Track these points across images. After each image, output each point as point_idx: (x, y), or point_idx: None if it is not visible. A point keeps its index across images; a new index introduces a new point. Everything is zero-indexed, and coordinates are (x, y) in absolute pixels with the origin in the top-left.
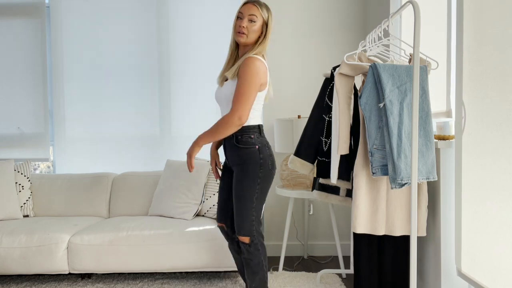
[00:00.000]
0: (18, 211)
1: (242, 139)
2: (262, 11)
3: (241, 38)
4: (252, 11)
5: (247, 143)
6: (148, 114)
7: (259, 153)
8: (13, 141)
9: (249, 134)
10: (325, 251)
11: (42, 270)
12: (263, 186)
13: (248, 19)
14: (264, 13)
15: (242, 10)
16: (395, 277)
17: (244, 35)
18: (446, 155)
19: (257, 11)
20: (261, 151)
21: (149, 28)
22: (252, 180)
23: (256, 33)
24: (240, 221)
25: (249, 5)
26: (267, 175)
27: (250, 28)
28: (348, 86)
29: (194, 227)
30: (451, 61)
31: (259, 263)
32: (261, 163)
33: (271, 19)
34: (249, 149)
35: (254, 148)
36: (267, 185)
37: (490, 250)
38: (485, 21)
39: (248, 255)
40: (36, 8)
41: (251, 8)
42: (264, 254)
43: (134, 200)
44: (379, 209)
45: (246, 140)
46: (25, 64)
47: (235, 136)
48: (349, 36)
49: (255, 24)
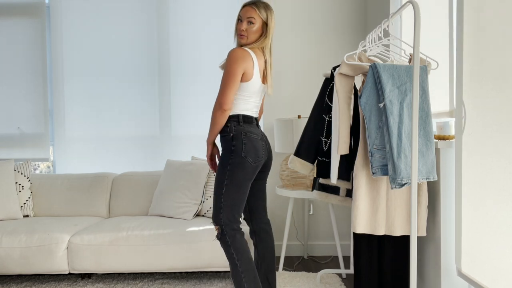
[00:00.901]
0: (18, 211)
1: (223, 129)
2: (260, 12)
3: (242, 40)
4: (249, 13)
5: (224, 132)
6: (148, 114)
7: (232, 140)
8: (13, 141)
9: (227, 124)
10: (325, 251)
11: (42, 270)
12: (232, 173)
13: (247, 21)
14: (263, 14)
15: (241, 13)
16: (395, 277)
17: (244, 37)
18: (446, 155)
19: (254, 13)
20: (234, 138)
21: (149, 28)
22: (222, 166)
23: (256, 33)
24: (213, 208)
25: (247, 8)
26: (239, 163)
27: (249, 30)
28: (348, 86)
29: (194, 227)
30: (452, 61)
31: (229, 256)
32: (232, 149)
33: (271, 18)
34: (224, 137)
35: (228, 136)
36: (239, 174)
37: (490, 250)
38: (485, 21)
39: (221, 247)
40: (36, 8)
41: (248, 11)
42: (236, 247)
43: (134, 200)
44: (379, 209)
45: (224, 129)
46: (25, 64)
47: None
48: (349, 36)
49: (253, 25)
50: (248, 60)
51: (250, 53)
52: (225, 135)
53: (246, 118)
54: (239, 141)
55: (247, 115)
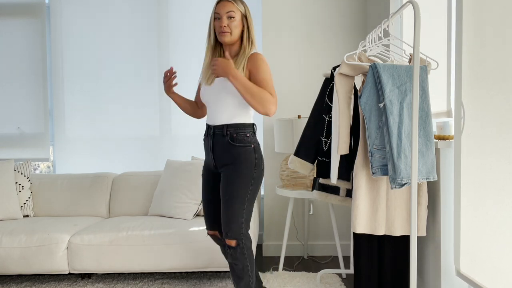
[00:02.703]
0: (18, 211)
1: (237, 137)
2: (238, 5)
3: (226, 37)
4: (228, 8)
5: (243, 142)
6: (148, 114)
7: (254, 152)
8: (13, 141)
9: (245, 132)
10: (325, 251)
11: (42, 270)
12: (255, 188)
13: (226, 16)
14: (240, 6)
15: (218, 10)
16: (395, 277)
17: (227, 33)
18: (446, 155)
19: (233, 7)
20: (256, 150)
21: (149, 28)
22: (246, 181)
23: (238, 28)
24: (229, 223)
25: (224, 2)
26: (260, 176)
27: (231, 25)
28: (348, 86)
29: (194, 227)
30: (451, 61)
31: (243, 267)
32: (256, 163)
33: (248, 10)
34: (245, 148)
35: (250, 147)
36: (259, 187)
37: (489, 250)
38: (485, 21)
39: (233, 259)
40: (36, 8)
41: (226, 5)
42: (251, 259)
43: (134, 200)
44: (379, 209)
45: (242, 138)
46: (25, 64)
47: (229, 134)
48: (349, 36)
49: (234, 19)
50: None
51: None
52: (246, 146)
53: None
54: (260, 153)
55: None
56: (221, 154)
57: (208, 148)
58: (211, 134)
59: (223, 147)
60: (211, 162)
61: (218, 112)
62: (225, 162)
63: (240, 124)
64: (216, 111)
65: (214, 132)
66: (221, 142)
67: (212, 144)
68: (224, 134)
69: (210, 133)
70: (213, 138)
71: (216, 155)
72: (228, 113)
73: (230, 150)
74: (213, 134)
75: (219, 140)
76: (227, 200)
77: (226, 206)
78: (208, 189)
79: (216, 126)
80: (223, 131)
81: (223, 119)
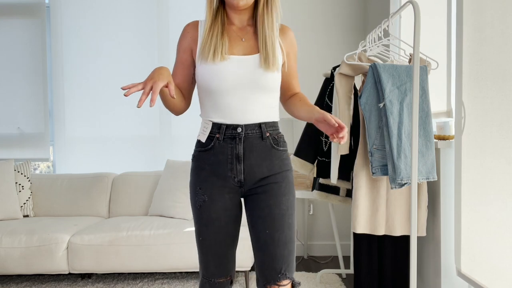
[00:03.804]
0: (18, 211)
1: (280, 140)
2: None
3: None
4: None
5: (285, 145)
6: (148, 114)
7: (288, 160)
8: (13, 141)
9: (279, 133)
10: (325, 251)
11: (42, 270)
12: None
13: None
14: None
15: None
16: (395, 277)
17: None
18: (446, 155)
19: None
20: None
21: (149, 28)
22: (294, 196)
23: None
24: (287, 256)
25: None
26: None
27: None
28: (348, 86)
29: (194, 227)
30: (451, 61)
31: None
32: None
33: None
34: (287, 153)
35: (286, 153)
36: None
37: (489, 250)
38: (485, 21)
39: None
40: (36, 8)
41: None
42: None
43: (134, 200)
44: (379, 209)
45: (284, 141)
46: (25, 64)
47: (270, 135)
48: (349, 36)
49: None
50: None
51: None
52: (285, 150)
53: None
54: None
55: None
56: (259, 165)
57: (230, 158)
58: (238, 137)
59: (261, 155)
60: (232, 178)
61: (249, 104)
62: (265, 175)
63: (276, 122)
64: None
65: (245, 134)
66: (259, 147)
67: (243, 151)
68: (264, 136)
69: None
70: (243, 142)
71: (250, 167)
72: (264, 106)
73: (272, 158)
74: (244, 137)
75: (256, 145)
76: (278, 226)
77: (283, 235)
78: (224, 218)
79: (248, 126)
80: (261, 132)
81: (259, 115)
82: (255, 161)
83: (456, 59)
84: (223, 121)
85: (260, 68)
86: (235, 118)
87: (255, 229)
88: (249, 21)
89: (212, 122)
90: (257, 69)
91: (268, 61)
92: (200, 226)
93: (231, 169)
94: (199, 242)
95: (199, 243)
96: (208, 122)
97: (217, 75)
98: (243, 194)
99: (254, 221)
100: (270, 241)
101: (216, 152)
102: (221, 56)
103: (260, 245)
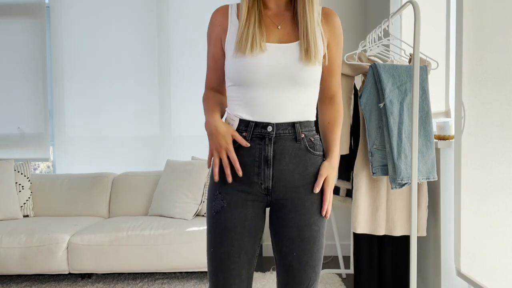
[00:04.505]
0: (18, 211)
1: (316, 142)
2: None
3: None
4: None
5: (321, 149)
6: (148, 114)
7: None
8: (13, 141)
9: (318, 134)
10: (325, 251)
11: (42, 270)
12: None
13: None
14: None
15: None
16: (395, 277)
17: None
18: (446, 155)
19: None
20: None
21: (149, 28)
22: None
23: None
24: (314, 279)
25: None
26: None
27: None
28: (348, 86)
29: (194, 227)
30: (450, 61)
31: None
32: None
33: None
34: (320, 157)
35: (320, 156)
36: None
37: (489, 250)
38: (485, 21)
39: None
40: (36, 8)
41: None
42: None
43: (134, 200)
44: (379, 209)
45: (320, 144)
46: (25, 64)
47: (306, 137)
48: (349, 36)
49: None
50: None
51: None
52: (321, 155)
53: None
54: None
55: None
56: (291, 171)
57: (258, 161)
58: (268, 137)
59: (294, 160)
60: (258, 184)
61: (281, 99)
62: (296, 184)
63: (312, 122)
64: (277, 98)
65: (276, 135)
66: (292, 151)
67: (273, 154)
68: (298, 137)
69: (266, 136)
70: (274, 143)
71: (280, 173)
72: (300, 104)
73: (306, 164)
74: (275, 138)
75: (288, 147)
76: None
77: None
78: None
79: (280, 125)
80: (295, 132)
81: (293, 113)
82: (286, 166)
83: (456, 59)
84: (252, 118)
85: (299, 59)
86: (265, 115)
87: (280, 247)
88: (287, 6)
89: (239, 119)
90: (295, 60)
91: (309, 52)
92: (212, 236)
93: (258, 174)
94: (209, 254)
95: (209, 255)
96: (234, 118)
97: (251, 67)
98: (268, 203)
99: (279, 238)
100: (297, 264)
101: (242, 154)
102: (259, 47)
103: (285, 267)
